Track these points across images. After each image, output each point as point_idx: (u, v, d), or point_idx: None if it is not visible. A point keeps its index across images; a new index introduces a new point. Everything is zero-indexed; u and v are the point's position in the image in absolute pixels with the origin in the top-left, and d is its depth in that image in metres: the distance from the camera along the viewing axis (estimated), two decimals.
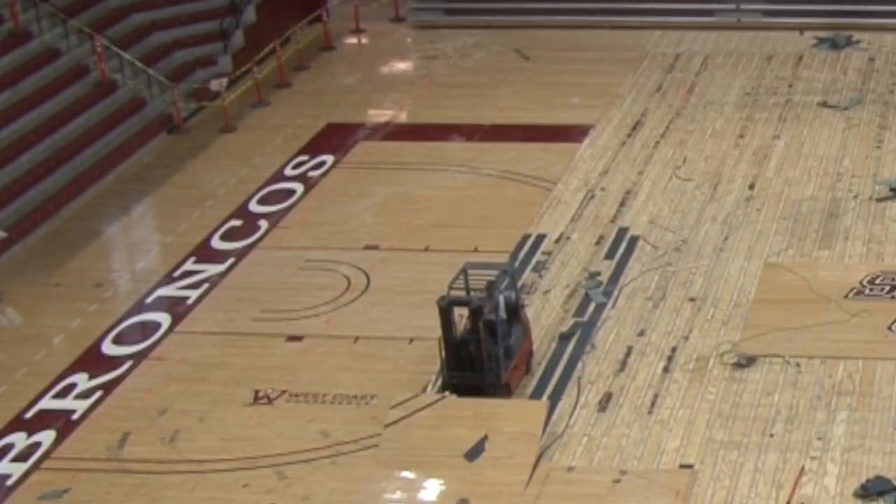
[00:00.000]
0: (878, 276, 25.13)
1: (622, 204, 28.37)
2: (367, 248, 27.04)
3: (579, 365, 22.88)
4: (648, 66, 35.95)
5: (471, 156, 30.91)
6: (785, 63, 35.75)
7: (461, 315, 22.07)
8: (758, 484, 19.85)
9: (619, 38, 37.72)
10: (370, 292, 25.44)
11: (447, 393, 21.30)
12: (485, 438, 20.48)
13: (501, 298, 21.96)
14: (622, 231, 27.23)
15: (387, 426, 20.74)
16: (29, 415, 22.28)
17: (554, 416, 21.51)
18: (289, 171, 30.67)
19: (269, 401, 22.27)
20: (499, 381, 21.74)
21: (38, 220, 28.21)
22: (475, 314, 21.47)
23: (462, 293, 22.13)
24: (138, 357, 23.72)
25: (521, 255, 26.44)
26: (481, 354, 21.42)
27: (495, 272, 22.47)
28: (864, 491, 19.51)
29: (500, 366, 21.65)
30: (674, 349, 23.22)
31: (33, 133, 30.05)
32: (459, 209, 28.46)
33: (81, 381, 23.06)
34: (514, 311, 22.47)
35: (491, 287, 21.89)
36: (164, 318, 24.86)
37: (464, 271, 22.37)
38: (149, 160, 31.79)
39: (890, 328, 23.54)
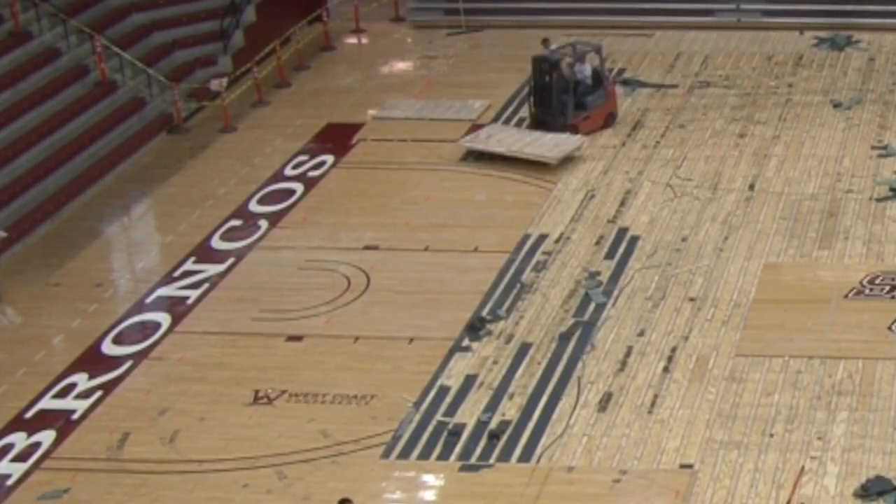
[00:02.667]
0: (878, 276, 25.12)
1: (622, 204, 28.37)
2: (367, 248, 27.03)
3: (579, 365, 22.88)
4: (648, 66, 35.93)
5: (471, 156, 30.88)
6: (785, 63, 35.75)
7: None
8: (758, 484, 19.85)
9: (619, 37, 37.67)
10: (370, 292, 25.43)
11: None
12: None
13: (588, 65, 30.88)
14: (622, 231, 27.22)
15: None
16: (29, 415, 22.27)
17: (554, 416, 21.53)
18: (289, 171, 30.65)
19: (269, 401, 22.26)
20: (565, 122, 30.18)
21: (38, 220, 28.18)
22: (552, 67, 29.96)
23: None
24: (138, 357, 23.72)
25: (521, 255, 26.43)
26: (552, 99, 30.02)
27: (588, 48, 31.09)
28: (864, 491, 19.50)
29: (569, 111, 30.12)
30: (674, 349, 23.22)
31: (33, 133, 30.02)
32: (459, 209, 28.45)
33: (81, 381, 23.05)
34: (598, 78, 30.85)
35: (573, 52, 30.41)
36: (164, 318, 24.87)
37: (572, 44, 30.86)
38: (149, 160, 31.76)
39: (890, 328, 23.54)
